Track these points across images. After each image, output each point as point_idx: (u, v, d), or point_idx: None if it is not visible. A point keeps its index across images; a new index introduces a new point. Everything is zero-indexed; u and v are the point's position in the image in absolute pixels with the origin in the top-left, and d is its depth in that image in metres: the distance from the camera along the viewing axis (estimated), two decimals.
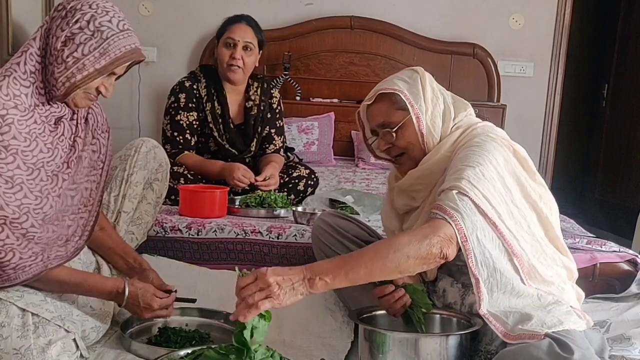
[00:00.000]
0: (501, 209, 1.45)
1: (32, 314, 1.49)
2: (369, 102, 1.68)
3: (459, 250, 1.41)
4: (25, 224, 1.47)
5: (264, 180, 2.64)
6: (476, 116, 1.74)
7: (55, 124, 1.56)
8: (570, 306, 1.48)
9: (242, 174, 2.61)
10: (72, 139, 1.61)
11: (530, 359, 1.29)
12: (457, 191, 1.42)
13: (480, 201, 1.42)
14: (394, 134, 1.64)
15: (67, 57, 1.48)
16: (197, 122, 2.78)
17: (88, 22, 1.48)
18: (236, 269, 1.37)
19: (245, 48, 2.73)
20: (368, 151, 1.81)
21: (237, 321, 1.29)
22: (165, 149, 2.67)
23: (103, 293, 1.61)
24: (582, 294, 1.60)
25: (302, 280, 1.32)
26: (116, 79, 1.61)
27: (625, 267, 2.10)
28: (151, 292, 1.66)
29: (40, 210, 1.50)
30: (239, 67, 2.74)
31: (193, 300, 1.80)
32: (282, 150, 2.94)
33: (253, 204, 2.52)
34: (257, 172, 2.82)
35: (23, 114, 1.48)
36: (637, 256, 2.12)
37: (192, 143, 2.78)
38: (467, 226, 1.40)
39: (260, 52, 2.85)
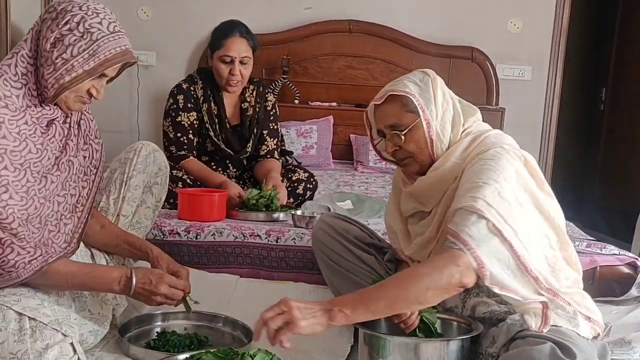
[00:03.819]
0: (518, 227, 1.44)
1: (29, 318, 1.47)
2: (379, 102, 1.64)
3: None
4: (13, 224, 1.46)
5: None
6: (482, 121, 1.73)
7: (47, 125, 1.56)
8: (579, 312, 1.47)
9: (239, 195, 2.57)
10: (63, 142, 1.61)
11: None
12: (473, 213, 1.42)
13: (497, 222, 1.41)
14: (403, 137, 1.61)
15: (56, 58, 1.47)
16: (197, 122, 2.79)
17: (78, 23, 1.48)
18: None
19: (242, 62, 2.74)
20: (375, 152, 1.78)
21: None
22: (170, 151, 2.68)
23: (110, 282, 1.57)
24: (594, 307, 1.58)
25: (322, 310, 1.35)
26: (108, 81, 1.61)
27: (626, 270, 2.09)
28: (165, 279, 1.62)
29: (25, 211, 1.49)
30: (238, 81, 2.76)
31: (189, 308, 1.75)
32: (276, 152, 2.93)
33: (253, 201, 2.50)
34: (254, 176, 2.83)
35: (14, 114, 1.47)
36: (637, 259, 2.12)
37: (195, 143, 2.78)
38: (483, 252, 1.39)
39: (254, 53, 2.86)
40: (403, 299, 1.38)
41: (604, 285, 1.84)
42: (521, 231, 1.44)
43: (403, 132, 1.60)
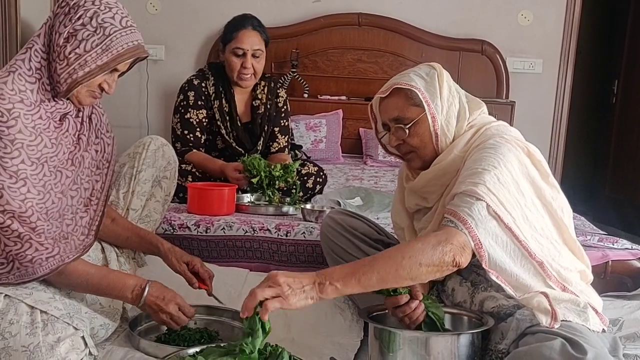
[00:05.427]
0: (516, 214, 1.44)
1: (41, 311, 1.48)
2: (384, 95, 1.64)
3: (473, 256, 1.41)
4: (32, 217, 1.46)
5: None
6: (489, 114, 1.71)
7: (60, 120, 1.56)
8: (589, 304, 1.46)
9: (236, 169, 2.60)
10: (76, 136, 1.62)
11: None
12: (472, 196, 1.41)
13: (496, 206, 1.41)
14: (407, 130, 1.60)
15: (70, 53, 1.48)
16: (207, 120, 2.78)
17: (91, 18, 1.48)
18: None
19: (254, 55, 2.73)
20: (380, 145, 1.78)
21: (246, 324, 1.30)
22: (175, 147, 2.68)
23: (124, 288, 1.59)
24: (600, 301, 1.57)
25: (312, 284, 1.30)
26: (119, 75, 1.61)
27: (638, 264, 2.08)
28: (177, 299, 1.64)
29: (43, 205, 1.50)
30: (250, 74, 2.75)
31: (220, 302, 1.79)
32: (286, 149, 2.94)
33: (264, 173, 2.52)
34: None
35: (29, 108, 1.48)
36: None
37: (202, 141, 2.78)
38: (481, 233, 1.39)
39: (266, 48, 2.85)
40: (394, 274, 1.33)
41: (616, 280, 1.82)
42: (519, 218, 1.44)
43: (407, 126, 1.60)
